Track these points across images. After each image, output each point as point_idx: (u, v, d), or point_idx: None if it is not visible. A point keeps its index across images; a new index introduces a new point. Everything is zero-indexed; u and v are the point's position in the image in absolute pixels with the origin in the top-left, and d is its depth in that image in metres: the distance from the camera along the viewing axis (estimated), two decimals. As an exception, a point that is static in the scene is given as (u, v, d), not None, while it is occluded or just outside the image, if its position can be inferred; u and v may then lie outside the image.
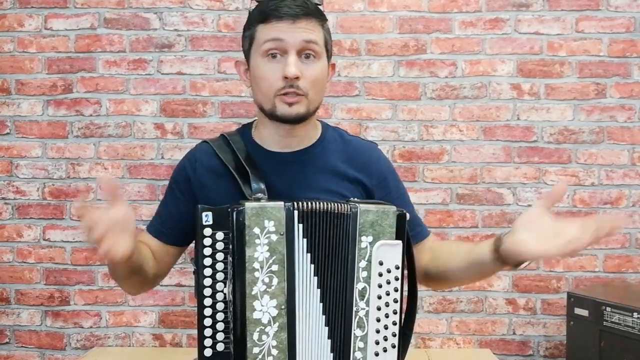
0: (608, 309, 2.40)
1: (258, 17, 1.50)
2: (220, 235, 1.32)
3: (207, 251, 1.32)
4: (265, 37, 1.47)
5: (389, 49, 2.84)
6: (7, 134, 2.87)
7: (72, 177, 2.86)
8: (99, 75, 2.86)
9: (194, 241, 1.38)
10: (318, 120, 1.69)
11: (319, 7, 1.53)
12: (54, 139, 2.86)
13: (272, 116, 1.50)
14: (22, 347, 2.88)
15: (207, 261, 1.32)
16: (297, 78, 1.44)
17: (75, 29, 2.86)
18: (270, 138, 1.59)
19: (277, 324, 1.30)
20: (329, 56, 1.57)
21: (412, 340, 2.81)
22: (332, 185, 1.58)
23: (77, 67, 2.86)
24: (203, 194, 1.57)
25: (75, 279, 2.87)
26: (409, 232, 1.44)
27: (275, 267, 1.31)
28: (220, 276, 1.32)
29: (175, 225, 1.63)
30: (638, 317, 2.28)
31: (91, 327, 2.88)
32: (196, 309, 1.34)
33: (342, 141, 1.67)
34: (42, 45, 2.86)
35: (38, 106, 2.86)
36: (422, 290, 2.76)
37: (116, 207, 1.28)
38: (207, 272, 1.32)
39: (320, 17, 1.51)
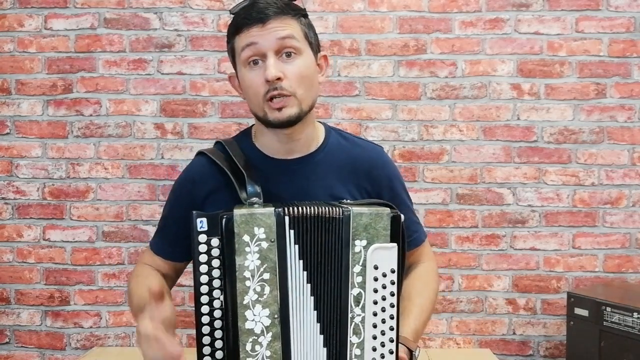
0: (608, 309, 2.40)
1: (232, 29, 1.49)
2: (215, 241, 1.30)
3: (203, 258, 1.30)
4: (241, 46, 1.45)
5: (389, 49, 2.84)
6: (7, 134, 2.87)
7: (72, 177, 2.86)
8: (99, 75, 2.86)
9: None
10: (320, 122, 1.67)
11: (294, 2, 1.50)
12: (54, 139, 2.87)
13: (266, 123, 1.48)
14: (22, 347, 2.89)
15: (203, 268, 1.30)
16: (279, 79, 1.41)
17: (75, 29, 2.86)
18: (271, 145, 1.56)
19: (270, 333, 1.28)
20: (314, 50, 1.53)
21: (412, 341, 2.81)
22: (336, 192, 1.55)
23: (77, 67, 2.86)
24: (206, 204, 1.55)
25: (75, 279, 2.87)
26: (404, 233, 1.41)
27: (266, 276, 1.29)
28: (217, 283, 1.30)
29: (180, 242, 1.60)
30: (638, 317, 2.29)
31: (91, 327, 2.88)
32: (194, 317, 1.33)
33: (346, 145, 1.64)
34: (42, 45, 2.86)
35: (38, 106, 2.86)
36: (422, 291, 2.76)
37: (162, 307, 1.30)
38: (204, 279, 1.30)
39: (294, 12, 1.48)
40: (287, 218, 1.32)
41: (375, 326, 1.34)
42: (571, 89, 2.82)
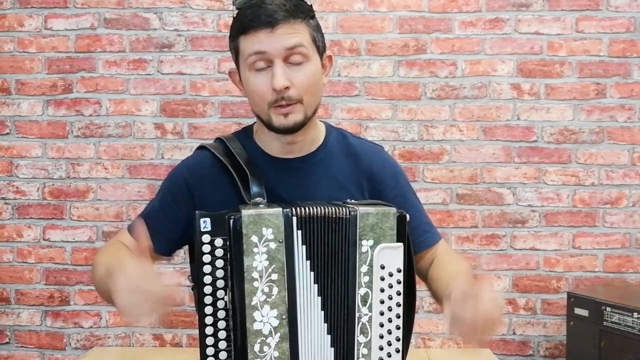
0: (608, 309, 2.40)
1: (238, 28, 1.43)
2: (219, 241, 1.28)
3: (207, 258, 1.28)
4: (248, 51, 1.40)
5: (389, 49, 2.84)
6: (7, 134, 2.87)
7: (72, 177, 2.86)
8: (99, 75, 2.86)
9: (186, 250, 1.34)
10: (321, 120, 1.64)
11: (301, 2, 1.45)
12: (54, 139, 2.86)
13: (270, 127, 1.45)
14: (22, 347, 2.88)
15: (207, 269, 1.28)
16: (287, 88, 1.38)
17: (75, 29, 2.86)
18: (272, 144, 1.54)
19: (278, 334, 1.28)
20: (320, 52, 1.49)
21: (412, 340, 2.81)
22: (336, 193, 1.53)
23: (77, 67, 2.86)
24: (204, 200, 1.51)
25: (75, 279, 2.87)
26: (409, 233, 1.41)
27: (274, 276, 1.28)
28: (220, 283, 1.28)
29: (167, 236, 1.53)
30: (638, 317, 2.29)
31: (91, 327, 2.88)
32: (197, 318, 1.31)
33: (346, 144, 1.62)
34: (42, 45, 2.86)
35: (38, 106, 2.86)
36: (422, 290, 2.76)
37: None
38: (207, 279, 1.28)
39: (303, 15, 1.42)
40: (294, 218, 1.31)
41: (382, 325, 1.34)
42: (571, 89, 2.83)
